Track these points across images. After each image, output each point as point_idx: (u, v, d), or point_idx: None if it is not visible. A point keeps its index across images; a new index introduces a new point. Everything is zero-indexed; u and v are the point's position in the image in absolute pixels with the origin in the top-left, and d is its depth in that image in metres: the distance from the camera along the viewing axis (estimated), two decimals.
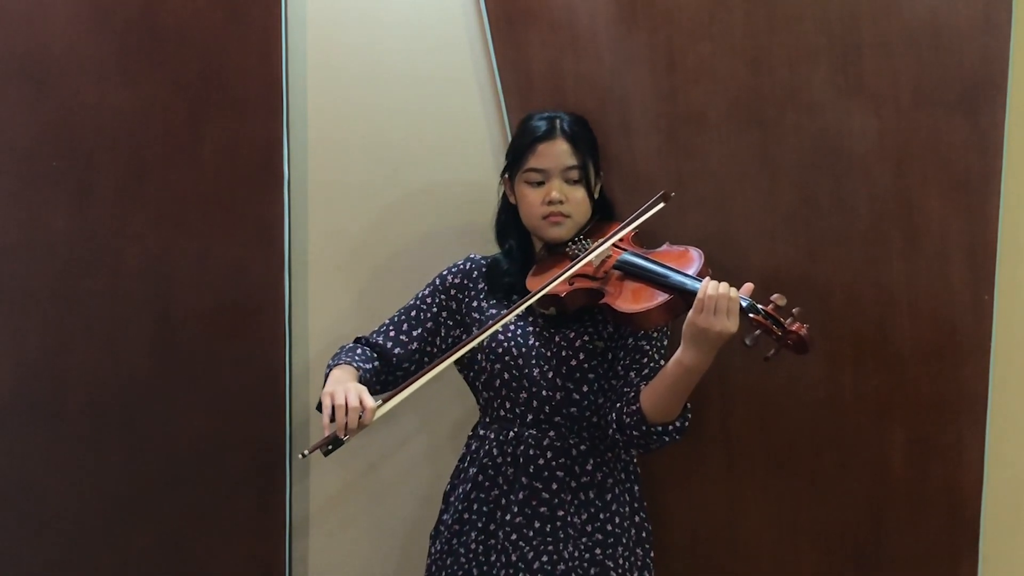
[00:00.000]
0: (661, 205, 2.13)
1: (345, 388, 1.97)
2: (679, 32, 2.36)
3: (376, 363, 2.17)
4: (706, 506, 2.41)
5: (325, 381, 2.10)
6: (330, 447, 1.94)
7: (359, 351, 2.18)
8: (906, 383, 2.32)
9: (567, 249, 2.18)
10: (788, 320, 1.92)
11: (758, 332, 1.92)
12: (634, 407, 2.05)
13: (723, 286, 1.92)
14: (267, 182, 2.47)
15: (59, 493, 2.48)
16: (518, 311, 2.07)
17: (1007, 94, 2.25)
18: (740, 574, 2.41)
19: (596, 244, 2.12)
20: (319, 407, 2.06)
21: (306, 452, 1.96)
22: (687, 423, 2.08)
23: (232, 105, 2.46)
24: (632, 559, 2.16)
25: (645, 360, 2.13)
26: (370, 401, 1.96)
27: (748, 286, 1.96)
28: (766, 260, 2.35)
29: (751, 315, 1.93)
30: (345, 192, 2.52)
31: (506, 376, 2.16)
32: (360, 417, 1.94)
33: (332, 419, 1.96)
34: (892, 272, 2.32)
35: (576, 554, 2.11)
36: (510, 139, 2.42)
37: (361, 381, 2.08)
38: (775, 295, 1.93)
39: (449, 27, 2.49)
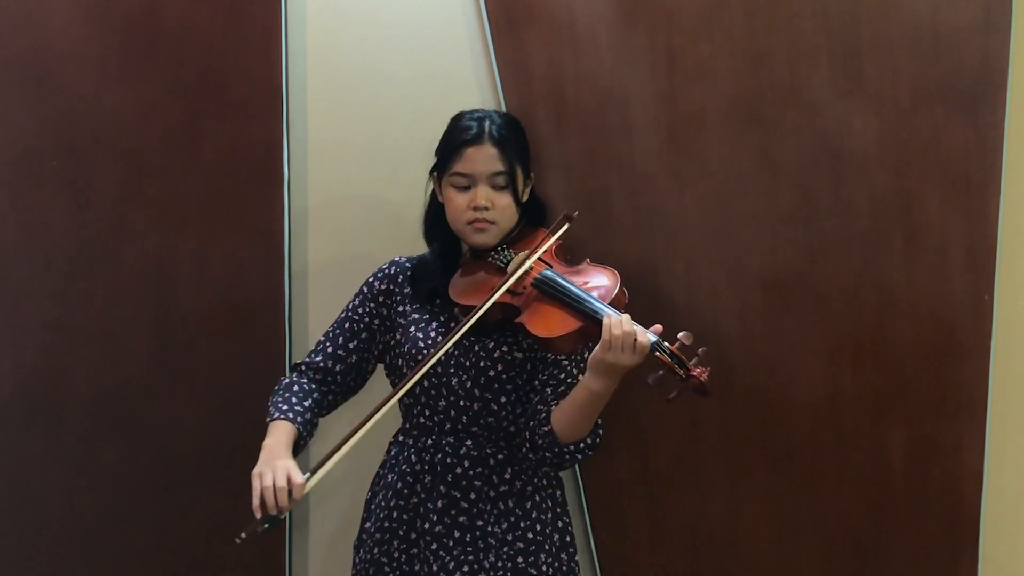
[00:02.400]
0: (566, 227, 2.13)
1: (272, 468, 1.96)
2: (679, 32, 2.36)
3: (315, 395, 2.16)
4: (706, 506, 2.41)
5: (268, 423, 2.10)
6: (266, 525, 1.95)
7: (295, 388, 2.15)
8: (906, 383, 2.32)
9: (489, 258, 2.16)
10: (693, 361, 1.92)
11: (661, 372, 1.92)
12: (545, 429, 2.04)
13: (627, 322, 1.92)
14: (267, 182, 2.47)
15: (59, 493, 2.48)
16: (457, 336, 2.03)
17: (1007, 94, 2.25)
18: (740, 574, 2.41)
19: (517, 264, 2.09)
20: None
21: (243, 535, 1.94)
22: (599, 439, 2.07)
23: (232, 105, 2.46)
24: (556, 564, 2.13)
25: (563, 376, 2.12)
26: (298, 477, 1.95)
27: (657, 327, 1.95)
28: (766, 260, 2.35)
29: (656, 353, 1.92)
30: (345, 192, 2.52)
31: (425, 384, 2.13)
32: (290, 495, 1.94)
33: (262, 499, 1.95)
34: (892, 272, 2.32)
35: (499, 564, 2.08)
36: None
37: (301, 430, 2.09)
38: (682, 333, 1.93)
39: (449, 27, 2.49)
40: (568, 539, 2.18)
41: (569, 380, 2.10)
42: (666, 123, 2.38)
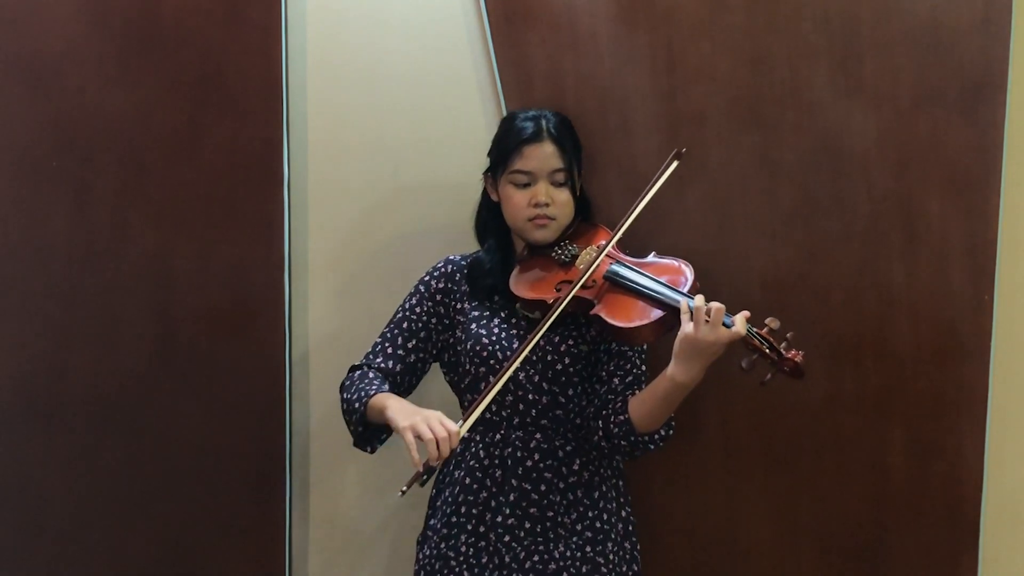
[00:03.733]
0: (675, 164, 2.13)
1: (425, 419, 1.97)
2: (679, 32, 2.37)
3: (386, 386, 2.17)
4: (706, 506, 2.41)
5: (355, 411, 2.11)
6: (425, 477, 1.96)
7: (370, 376, 2.17)
8: (906, 383, 2.32)
9: (553, 254, 2.18)
10: (784, 345, 1.93)
11: (755, 356, 1.94)
12: (622, 417, 2.07)
13: (714, 304, 1.93)
14: (267, 182, 2.47)
15: (58, 493, 2.48)
16: (543, 331, 2.04)
17: (1007, 94, 2.26)
18: (740, 574, 2.41)
19: (596, 254, 2.11)
20: (364, 436, 2.13)
21: (404, 489, 1.94)
22: (671, 431, 2.09)
23: (232, 105, 2.46)
24: (621, 553, 2.17)
25: (628, 366, 2.15)
26: (452, 425, 1.97)
27: (745, 312, 1.96)
28: (766, 260, 2.35)
29: (747, 338, 1.93)
30: (345, 192, 2.52)
31: (491, 379, 2.14)
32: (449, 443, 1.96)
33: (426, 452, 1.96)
34: (892, 272, 2.32)
35: (567, 553, 2.12)
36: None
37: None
38: (769, 319, 1.94)
39: (449, 27, 2.49)
40: (631, 528, 2.21)
41: (635, 371, 2.15)
42: (666, 123, 2.38)
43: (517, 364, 2.05)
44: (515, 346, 2.14)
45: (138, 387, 2.47)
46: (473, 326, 2.18)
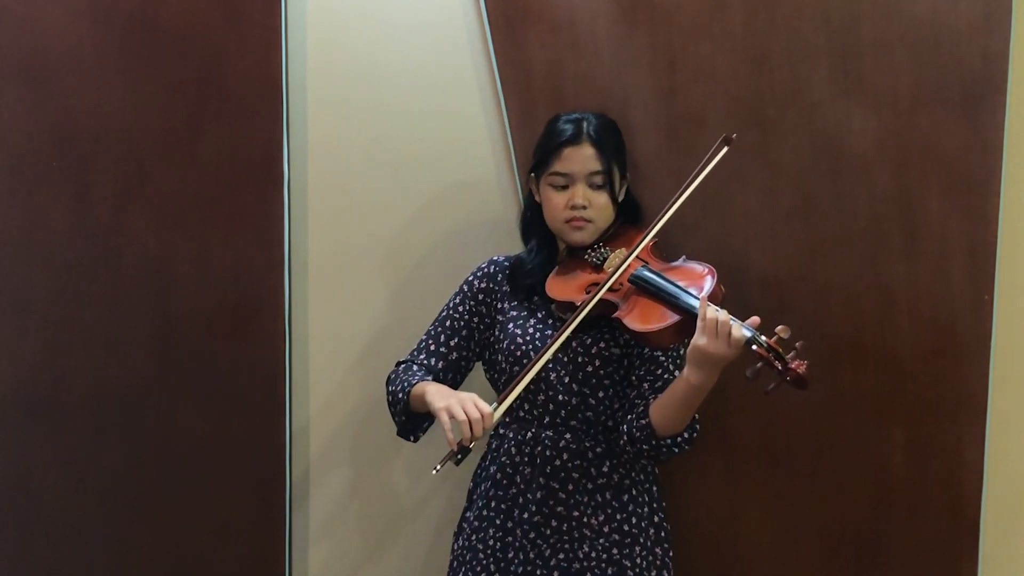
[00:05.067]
0: (725, 150, 2.12)
1: (460, 400, 2.01)
2: (679, 32, 2.36)
3: (429, 378, 2.21)
4: (706, 506, 2.41)
5: (398, 402, 2.16)
6: (459, 456, 1.99)
7: (415, 369, 2.21)
8: (906, 383, 2.32)
9: (585, 256, 2.19)
10: (791, 355, 1.93)
11: (760, 365, 1.94)
12: (644, 422, 2.08)
13: (722, 313, 1.94)
14: (267, 182, 2.47)
15: (59, 493, 2.48)
16: (569, 331, 2.07)
17: (1007, 94, 2.25)
18: (740, 574, 2.41)
19: (616, 259, 2.13)
20: (406, 425, 2.16)
21: (438, 467, 1.99)
22: (695, 433, 2.10)
23: (232, 105, 2.47)
24: (651, 559, 2.17)
25: (659, 371, 2.15)
26: (486, 407, 2.00)
27: (755, 320, 1.97)
28: (766, 260, 2.35)
29: (753, 347, 1.93)
30: (345, 192, 2.52)
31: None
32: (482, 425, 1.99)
33: (459, 432, 1.99)
34: (892, 272, 2.31)
35: (593, 554, 2.13)
36: (510, 139, 2.42)
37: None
38: (780, 327, 1.94)
39: (449, 27, 2.49)
40: (663, 534, 2.21)
41: (666, 376, 2.14)
42: (666, 123, 2.38)
43: (549, 355, 2.07)
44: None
45: (138, 387, 2.47)
46: (510, 325, 2.20)
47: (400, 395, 2.17)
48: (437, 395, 2.07)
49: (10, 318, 2.47)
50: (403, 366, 2.24)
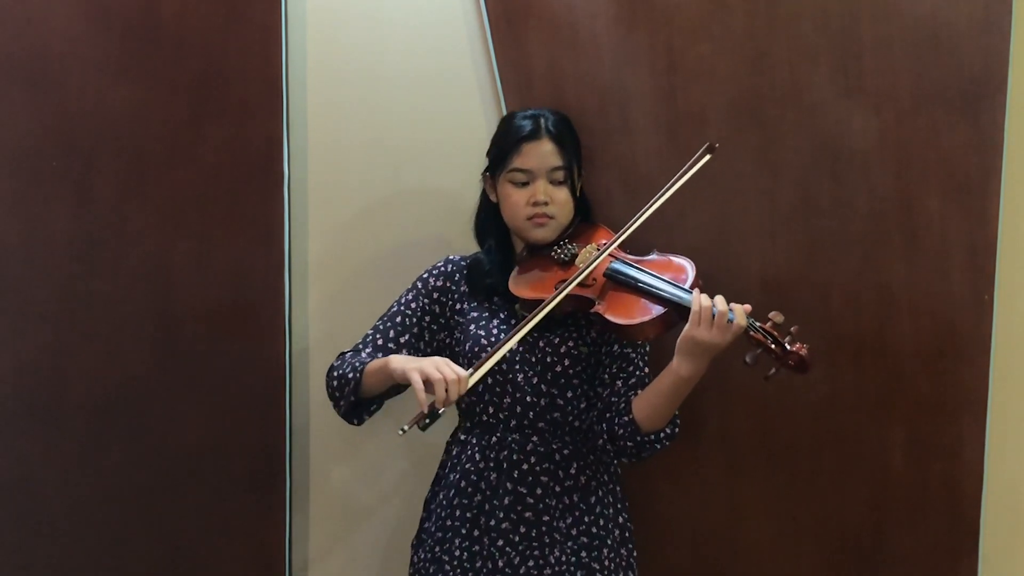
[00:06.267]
0: (708, 158, 2.12)
1: (433, 363, 1.95)
2: (679, 32, 2.36)
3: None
4: (706, 506, 2.41)
5: (348, 382, 2.09)
6: (427, 420, 1.92)
7: (363, 356, 2.16)
8: (906, 383, 2.32)
9: (552, 253, 2.17)
10: (788, 339, 1.92)
11: (759, 351, 1.93)
12: (627, 418, 2.07)
13: (718, 299, 1.93)
14: (267, 182, 2.47)
15: (59, 493, 2.48)
16: (529, 327, 2.02)
17: (1007, 94, 2.26)
18: (740, 574, 2.41)
19: (601, 250, 2.11)
20: (354, 406, 2.10)
21: (405, 428, 1.91)
22: (676, 429, 2.10)
23: (232, 105, 2.46)
24: (617, 560, 2.16)
25: (631, 368, 2.14)
26: (462, 371, 1.95)
27: (747, 306, 1.96)
28: (766, 260, 2.35)
29: (750, 332, 1.93)
30: (345, 192, 2.52)
31: (489, 381, 2.14)
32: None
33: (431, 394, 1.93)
34: (892, 272, 2.32)
35: (563, 558, 2.11)
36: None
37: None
38: (772, 312, 1.94)
39: (449, 27, 2.49)
40: (627, 534, 2.20)
41: (638, 373, 2.14)
42: (666, 123, 2.38)
43: (524, 332, 2.01)
44: (515, 348, 2.13)
45: (138, 387, 2.47)
46: (472, 327, 2.17)
47: (351, 375, 2.09)
48: (405, 360, 2.00)
49: (10, 318, 2.47)
50: (349, 353, 2.18)
